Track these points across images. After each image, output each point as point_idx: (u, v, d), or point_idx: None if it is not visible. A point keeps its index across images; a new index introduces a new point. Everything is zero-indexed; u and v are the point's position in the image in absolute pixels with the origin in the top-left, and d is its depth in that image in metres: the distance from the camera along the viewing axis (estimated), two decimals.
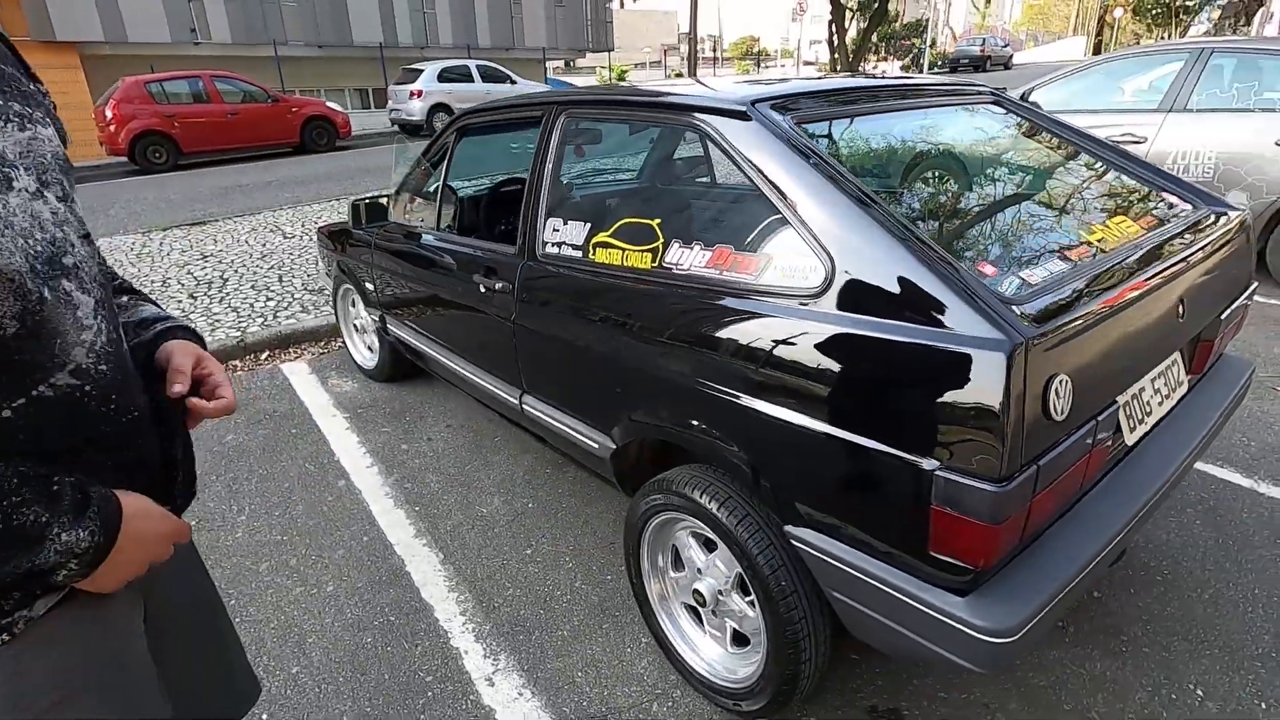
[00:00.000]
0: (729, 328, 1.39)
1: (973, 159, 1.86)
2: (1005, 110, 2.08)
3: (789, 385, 1.28)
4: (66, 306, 0.65)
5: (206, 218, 6.81)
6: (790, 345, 1.27)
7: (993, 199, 1.70)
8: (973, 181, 1.78)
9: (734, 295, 1.40)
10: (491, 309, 2.19)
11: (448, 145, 2.65)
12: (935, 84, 1.91)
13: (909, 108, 1.79)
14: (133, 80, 11.71)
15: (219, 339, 3.90)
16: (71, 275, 0.68)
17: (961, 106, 1.96)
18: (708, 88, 1.81)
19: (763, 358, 1.32)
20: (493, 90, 15.82)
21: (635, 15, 63.85)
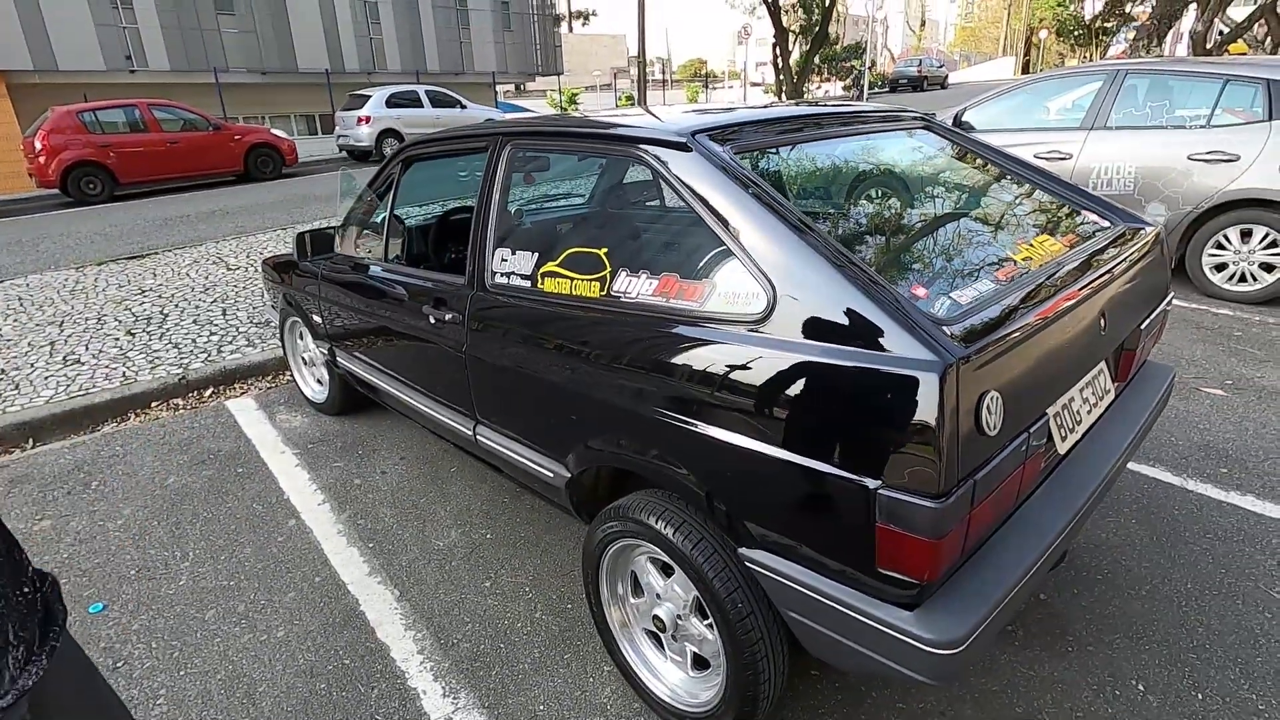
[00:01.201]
0: (676, 354, 1.41)
1: (906, 183, 1.94)
2: (936, 135, 2.18)
3: (737, 409, 1.30)
4: None
5: (145, 250, 6.58)
6: (736, 370, 1.30)
7: (925, 222, 1.77)
8: (906, 206, 1.85)
9: (680, 323, 1.43)
10: (442, 340, 2.17)
11: (394, 176, 2.63)
12: (869, 111, 1.99)
13: (844, 135, 1.85)
14: (64, 110, 11.30)
15: (159, 376, 3.76)
16: None
17: (894, 132, 2.04)
18: (655, 116, 1.84)
19: (710, 383, 1.34)
20: (442, 115, 15.77)
21: (584, 39, 64.58)
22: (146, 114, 11.92)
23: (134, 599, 2.24)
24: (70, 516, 2.72)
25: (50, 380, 3.76)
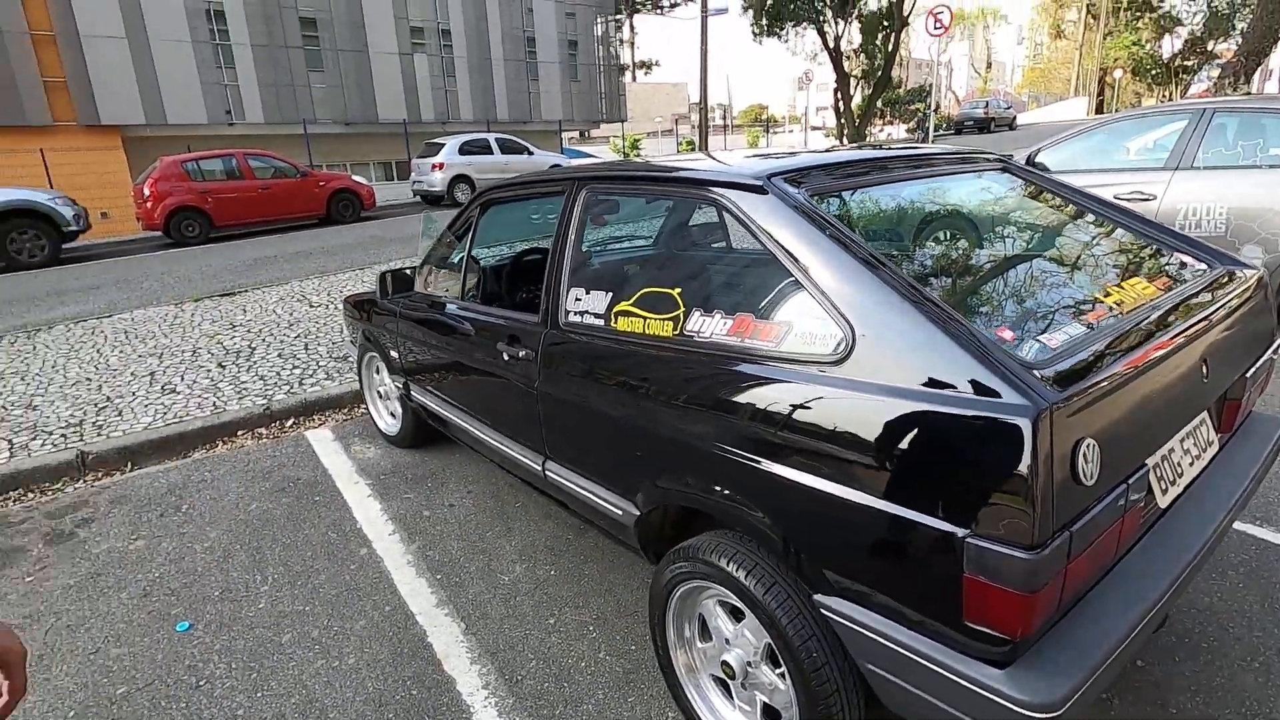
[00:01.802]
0: (752, 394, 1.41)
1: (985, 225, 1.91)
2: (1014, 176, 2.14)
3: (814, 451, 1.28)
4: None
5: (236, 288, 7.03)
6: (813, 412, 1.29)
7: (1007, 264, 1.73)
8: (986, 247, 1.82)
9: (756, 362, 1.43)
10: (515, 376, 2.23)
11: (472, 218, 2.75)
12: (944, 153, 1.98)
13: (919, 176, 1.84)
14: (170, 160, 12.32)
15: (246, 406, 3.97)
16: None
17: (971, 173, 2.02)
18: (720, 161, 1.88)
19: (786, 424, 1.33)
20: (511, 161, 16.41)
21: (647, 88, 66.47)
22: (242, 163, 12.86)
23: (217, 619, 2.34)
24: (162, 538, 2.87)
25: (149, 408, 4.02)
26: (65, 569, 2.71)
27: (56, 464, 3.43)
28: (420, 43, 26.23)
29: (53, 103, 19.78)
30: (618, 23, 35.51)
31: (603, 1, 31.96)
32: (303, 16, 23.46)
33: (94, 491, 3.32)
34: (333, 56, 24.14)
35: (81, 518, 3.08)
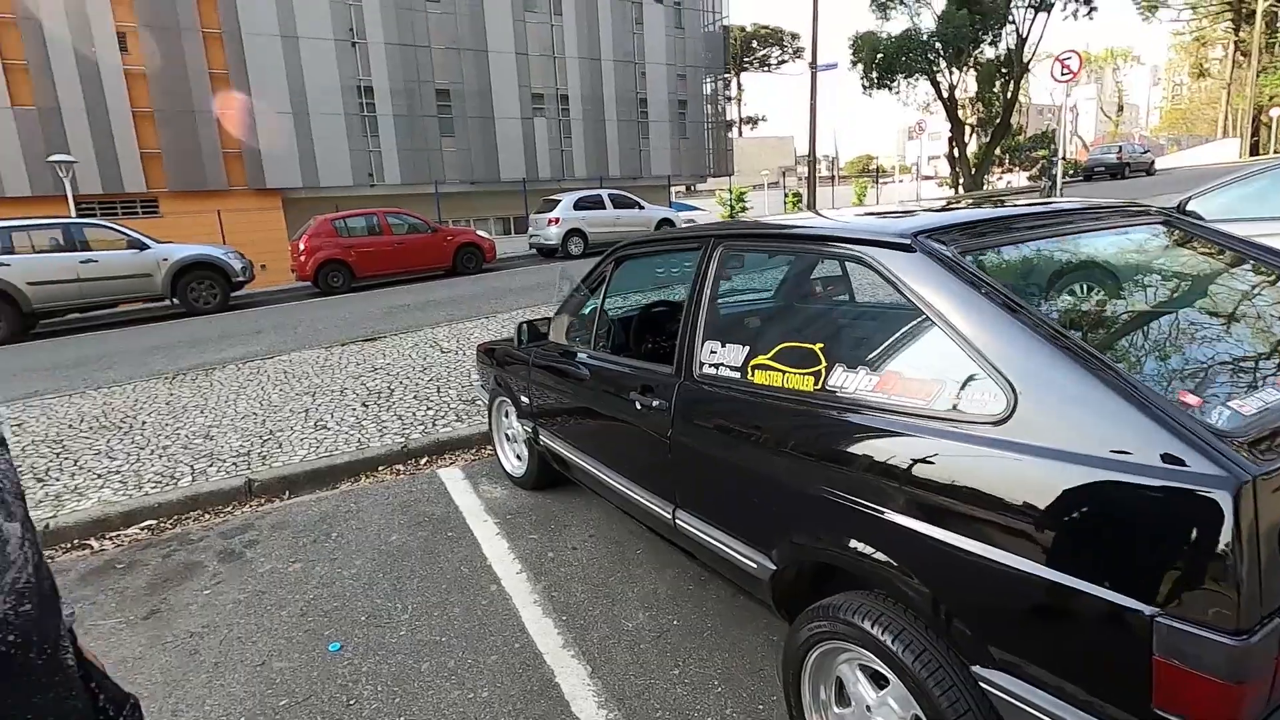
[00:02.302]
0: (903, 453, 1.40)
1: (1150, 281, 1.81)
2: (1177, 228, 2.02)
3: (974, 515, 1.25)
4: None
5: (376, 334, 7.67)
6: (973, 473, 1.26)
7: (1180, 324, 1.63)
8: (1154, 305, 1.72)
9: (906, 421, 1.42)
10: (646, 425, 2.30)
11: (606, 272, 2.90)
12: (1099, 206, 1.91)
13: (1074, 231, 1.79)
14: (323, 219, 13.75)
15: (386, 444, 4.29)
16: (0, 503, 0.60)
17: (1130, 227, 1.93)
18: (838, 220, 1.91)
19: (942, 485, 1.31)
20: (621, 216, 17.07)
21: (753, 142, 67.45)
22: (382, 220, 14.15)
23: (364, 643, 2.51)
24: (315, 562, 3.13)
25: (304, 441, 4.43)
26: (235, 585, 3.00)
27: (229, 489, 3.83)
28: (540, 107, 28.09)
29: (229, 170, 22.70)
30: (725, 81, 36.54)
31: (712, 62, 33.05)
32: (438, 88, 25.81)
33: (258, 516, 3.68)
34: (462, 123, 26.30)
35: (249, 539, 3.41)
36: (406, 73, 24.99)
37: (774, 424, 1.75)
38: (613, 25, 29.14)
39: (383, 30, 24.42)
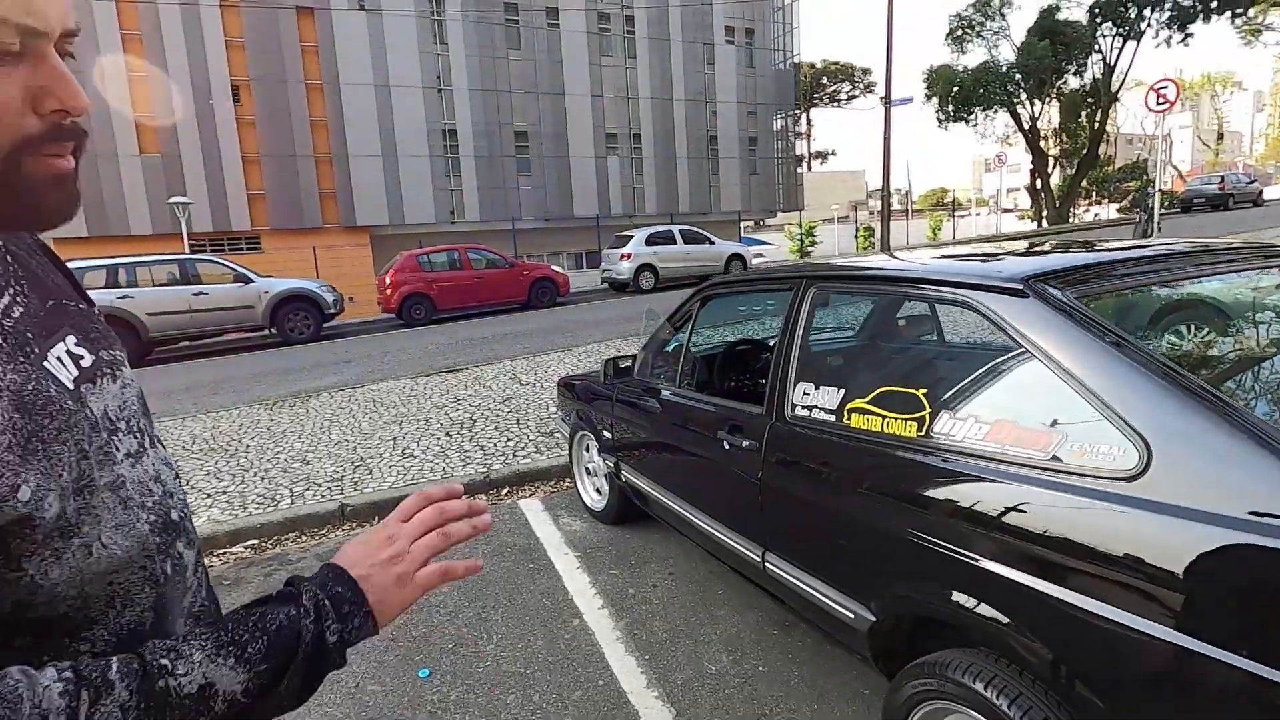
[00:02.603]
0: (1018, 507, 1.35)
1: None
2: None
3: (1101, 575, 1.19)
4: (180, 573, 0.64)
5: (458, 365, 7.96)
6: (1100, 531, 1.20)
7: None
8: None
9: (1021, 472, 1.37)
10: (735, 464, 2.30)
11: (692, 311, 2.94)
12: (1234, 248, 1.81)
13: (1204, 274, 1.70)
14: (408, 254, 14.47)
15: (469, 473, 4.42)
16: (180, 532, 0.66)
17: (1268, 269, 1.82)
18: (897, 257, 1.88)
19: (1064, 543, 1.25)
20: (692, 251, 17.22)
21: (823, 176, 67.05)
22: (462, 255, 14.76)
23: (451, 671, 2.57)
24: None
25: (392, 469, 4.62)
26: None
27: (324, 513, 4.03)
28: (613, 146, 28.89)
29: (324, 209, 24.27)
30: (795, 117, 36.64)
31: (782, 99, 33.25)
32: (517, 130, 26.96)
33: (350, 539, 3.83)
34: (539, 162, 27.32)
35: None
36: (488, 116, 26.24)
37: (875, 470, 1.72)
38: (684, 66, 29.81)
39: (467, 77, 25.79)
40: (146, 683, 0.52)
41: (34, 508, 0.51)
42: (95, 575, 0.56)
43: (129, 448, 0.63)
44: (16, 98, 0.49)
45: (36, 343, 0.59)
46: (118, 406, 0.64)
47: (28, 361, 0.56)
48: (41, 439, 0.53)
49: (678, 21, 29.23)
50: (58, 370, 0.59)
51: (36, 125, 0.50)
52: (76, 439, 0.57)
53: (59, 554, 0.53)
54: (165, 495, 0.67)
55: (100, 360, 0.64)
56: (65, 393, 0.58)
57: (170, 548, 0.64)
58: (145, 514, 0.62)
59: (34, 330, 0.60)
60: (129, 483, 0.61)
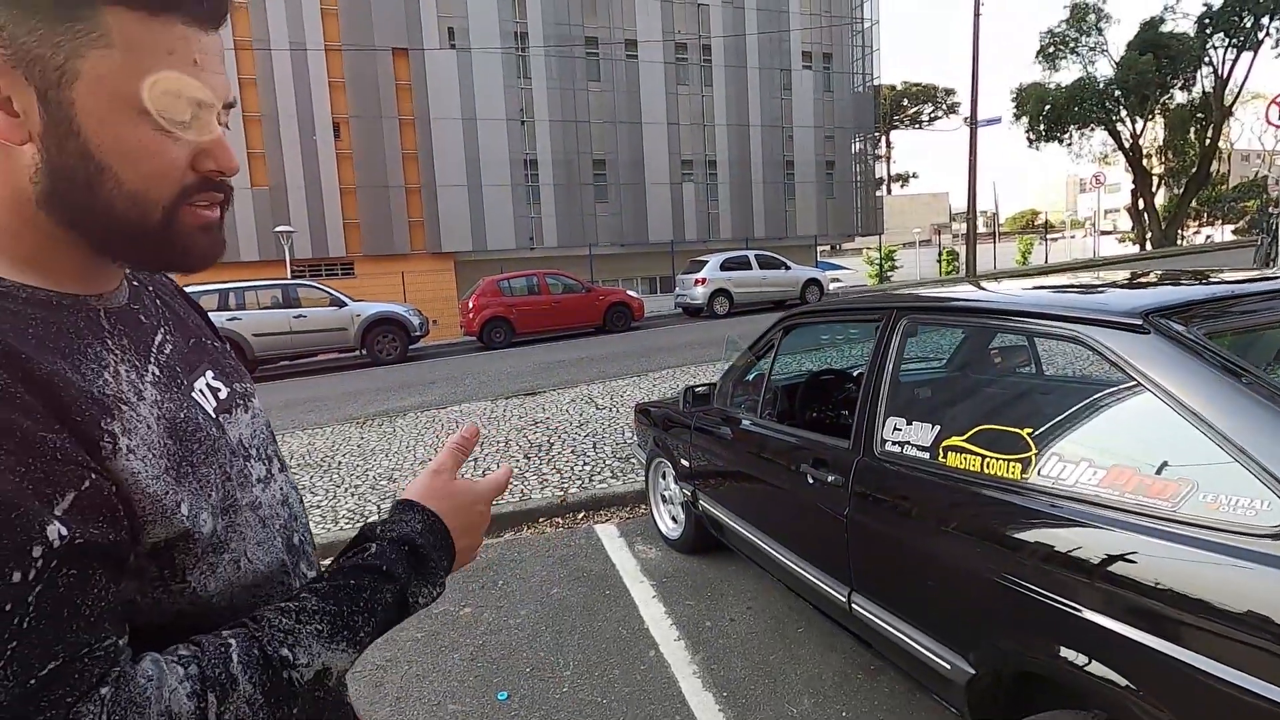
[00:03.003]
0: (1139, 560, 1.25)
1: None
2: None
3: (1242, 640, 1.08)
4: None
5: (535, 389, 8.14)
6: (1241, 593, 1.10)
7: None
8: None
9: (1142, 523, 1.27)
10: (818, 500, 2.23)
11: (774, 340, 2.91)
12: None
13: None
14: (490, 279, 15.00)
15: (546, 496, 4.49)
16: (302, 555, 0.71)
17: None
18: (980, 287, 1.78)
19: (1196, 603, 1.15)
20: (768, 276, 17.08)
21: (904, 199, 65.41)
22: (541, 280, 15.17)
23: (529, 695, 2.58)
24: (484, 608, 3.30)
25: None
26: (413, 622, 3.22)
27: None
28: (689, 173, 29.15)
29: (412, 236, 25.53)
30: (875, 140, 35.98)
31: (861, 122, 32.73)
32: (595, 159, 27.65)
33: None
34: (615, 189, 27.88)
35: None
36: (567, 145, 27.04)
37: (975, 513, 1.63)
38: (761, 92, 29.87)
39: (548, 108, 26.72)
40: (270, 675, 0.54)
41: (192, 523, 0.56)
42: (243, 588, 0.62)
43: (259, 473, 0.68)
44: (182, 159, 0.56)
45: (184, 375, 0.65)
46: (250, 435, 0.69)
47: (179, 392, 0.62)
48: (192, 463, 0.59)
49: (755, 49, 29.39)
50: (202, 400, 0.65)
51: (192, 178, 0.57)
52: (220, 463, 0.62)
53: (214, 567, 0.59)
54: (291, 518, 0.72)
55: (234, 392, 0.70)
56: (210, 421, 0.64)
57: (296, 567, 0.69)
58: (278, 535, 0.68)
59: (181, 365, 0.66)
60: (264, 505, 0.67)
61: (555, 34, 26.41)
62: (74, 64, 0.50)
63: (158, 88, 0.53)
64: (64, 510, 0.46)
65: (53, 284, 0.56)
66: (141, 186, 0.54)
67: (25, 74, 0.50)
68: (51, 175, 0.53)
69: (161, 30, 0.52)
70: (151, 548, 0.54)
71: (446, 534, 0.68)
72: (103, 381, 0.54)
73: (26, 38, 0.50)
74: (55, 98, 0.51)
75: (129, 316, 0.63)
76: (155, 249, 0.58)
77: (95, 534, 0.48)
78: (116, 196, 0.54)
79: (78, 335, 0.56)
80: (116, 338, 0.59)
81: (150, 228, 0.56)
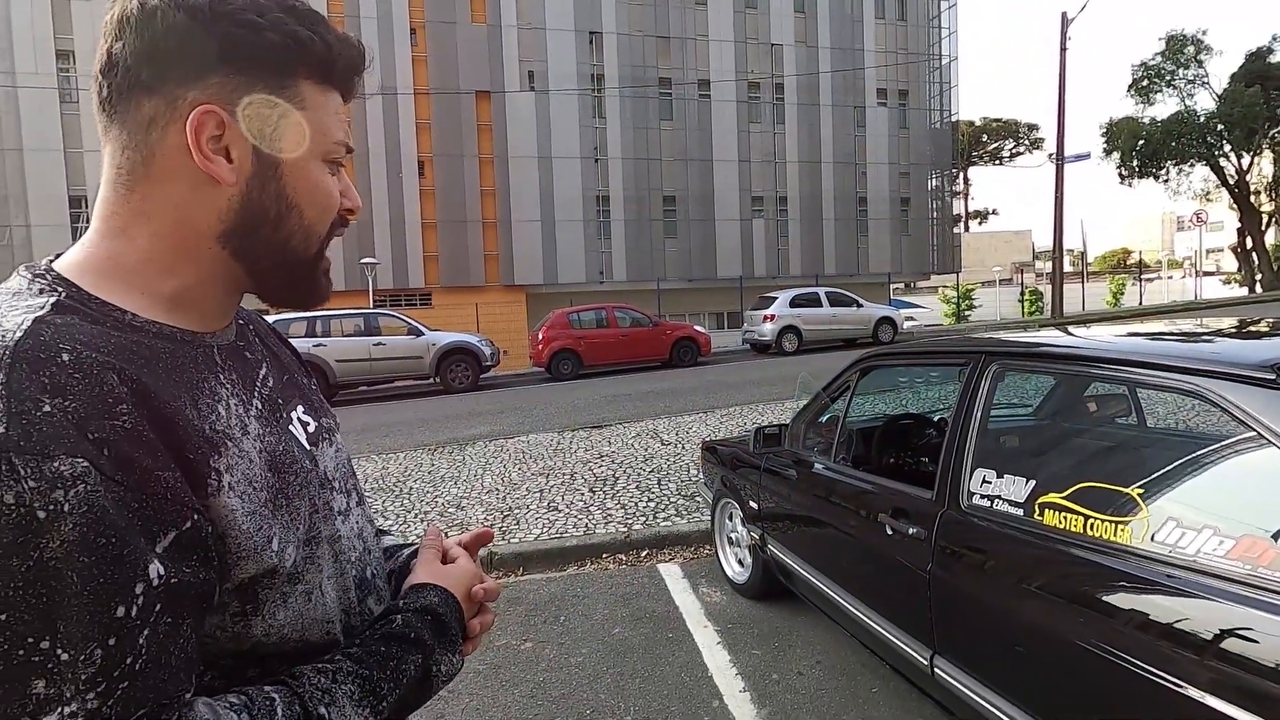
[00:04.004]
0: (1273, 643, 1.11)
1: None
2: None
3: None
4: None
5: (602, 422, 8.17)
6: None
7: None
8: None
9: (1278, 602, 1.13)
10: (898, 553, 2.12)
11: (850, 381, 2.81)
12: None
13: None
14: (560, 312, 15.29)
15: (610, 531, 4.45)
16: (372, 589, 0.72)
17: None
18: (1071, 333, 1.64)
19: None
20: (839, 313, 16.75)
21: (983, 237, 63.32)
22: (609, 314, 15.36)
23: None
24: (545, 644, 3.26)
25: (538, 521, 4.76)
26: (475, 655, 3.19)
27: None
28: (759, 209, 29.13)
29: (487, 269, 26.42)
30: (952, 176, 35.09)
31: (938, 159, 32.03)
32: (665, 195, 28.04)
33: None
34: (685, 225, 28.13)
35: None
36: (638, 182, 27.55)
37: (1076, 578, 1.50)
38: (834, 129, 29.71)
39: (620, 147, 27.37)
40: None
41: (279, 558, 0.58)
42: (314, 621, 0.62)
43: (340, 506, 0.70)
44: (337, 196, 0.66)
45: (283, 409, 0.68)
46: (334, 467, 0.72)
47: (279, 425, 0.66)
48: (287, 495, 0.61)
49: (828, 87, 29.34)
50: (297, 433, 0.68)
51: (334, 218, 0.67)
52: (310, 495, 0.64)
53: (286, 598, 0.60)
54: (365, 552, 0.73)
55: (322, 426, 0.73)
56: (304, 453, 0.67)
57: (363, 603, 0.70)
58: (349, 574, 0.68)
59: (280, 398, 0.69)
60: (342, 538, 0.68)
61: (630, 75, 27.16)
62: (284, 122, 0.61)
63: (328, 138, 0.64)
64: (164, 548, 0.48)
65: (177, 320, 0.60)
66: (315, 219, 0.64)
67: (246, 129, 0.59)
68: (244, 212, 0.61)
69: (328, 96, 0.64)
70: (238, 584, 0.55)
71: (459, 605, 0.72)
72: (215, 417, 0.57)
73: (250, 100, 0.59)
74: (267, 148, 0.60)
75: (237, 352, 0.67)
76: (302, 282, 0.67)
77: (188, 574, 0.50)
78: (297, 229, 0.63)
79: (198, 370, 0.59)
80: (228, 372, 0.63)
81: (309, 258, 0.66)
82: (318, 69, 0.62)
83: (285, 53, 0.59)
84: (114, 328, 0.55)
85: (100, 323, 0.54)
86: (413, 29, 25.46)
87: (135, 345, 0.54)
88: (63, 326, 0.51)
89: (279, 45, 0.59)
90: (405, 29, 25.34)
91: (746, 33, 28.60)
